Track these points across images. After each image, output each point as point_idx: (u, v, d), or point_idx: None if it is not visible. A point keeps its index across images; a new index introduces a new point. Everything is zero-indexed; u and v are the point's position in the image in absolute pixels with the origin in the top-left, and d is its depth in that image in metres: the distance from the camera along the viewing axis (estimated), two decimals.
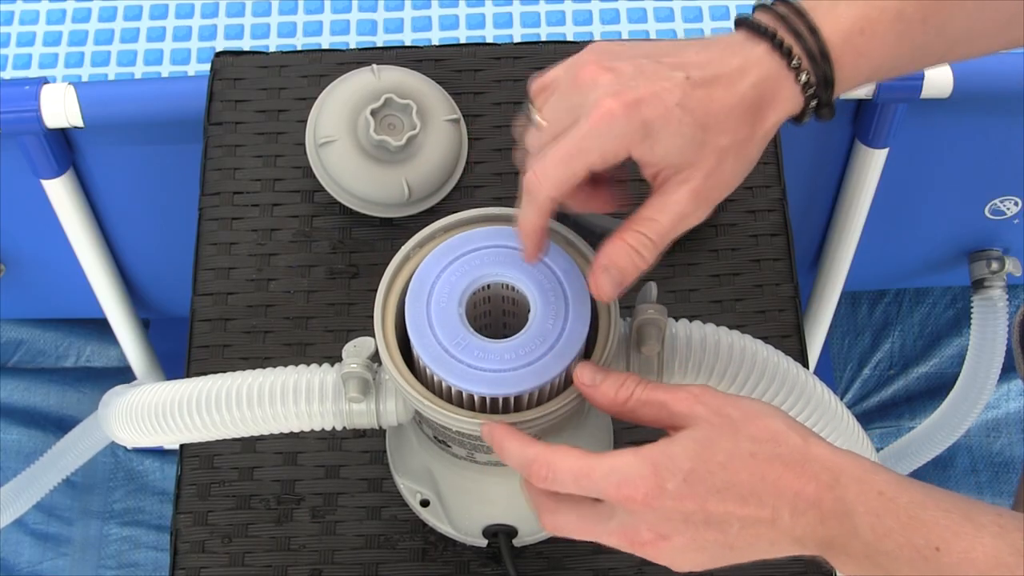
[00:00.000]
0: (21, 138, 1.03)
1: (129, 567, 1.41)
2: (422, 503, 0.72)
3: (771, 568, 0.75)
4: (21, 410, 1.49)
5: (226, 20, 1.15)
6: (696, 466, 0.51)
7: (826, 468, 0.50)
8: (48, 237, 1.18)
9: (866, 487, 0.50)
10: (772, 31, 0.54)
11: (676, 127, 0.52)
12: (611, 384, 0.56)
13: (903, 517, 0.48)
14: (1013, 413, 1.47)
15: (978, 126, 1.10)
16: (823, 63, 0.53)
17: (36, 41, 1.15)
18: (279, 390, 0.64)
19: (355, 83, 0.87)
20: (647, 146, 0.52)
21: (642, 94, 0.52)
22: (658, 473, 0.51)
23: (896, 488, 0.49)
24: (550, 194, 0.54)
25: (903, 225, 1.27)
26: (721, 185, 0.54)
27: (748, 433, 0.51)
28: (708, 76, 0.53)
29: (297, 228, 0.86)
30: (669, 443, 0.52)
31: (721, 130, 0.53)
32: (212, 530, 0.77)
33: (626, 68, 0.53)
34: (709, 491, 0.50)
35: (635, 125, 0.52)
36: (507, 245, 0.60)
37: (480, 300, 0.61)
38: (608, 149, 0.52)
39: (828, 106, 0.55)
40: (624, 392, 0.55)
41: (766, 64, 0.53)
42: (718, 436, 0.51)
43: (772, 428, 0.52)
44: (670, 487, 0.50)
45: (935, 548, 0.47)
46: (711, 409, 0.52)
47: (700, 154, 0.53)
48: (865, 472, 0.50)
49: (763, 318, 0.83)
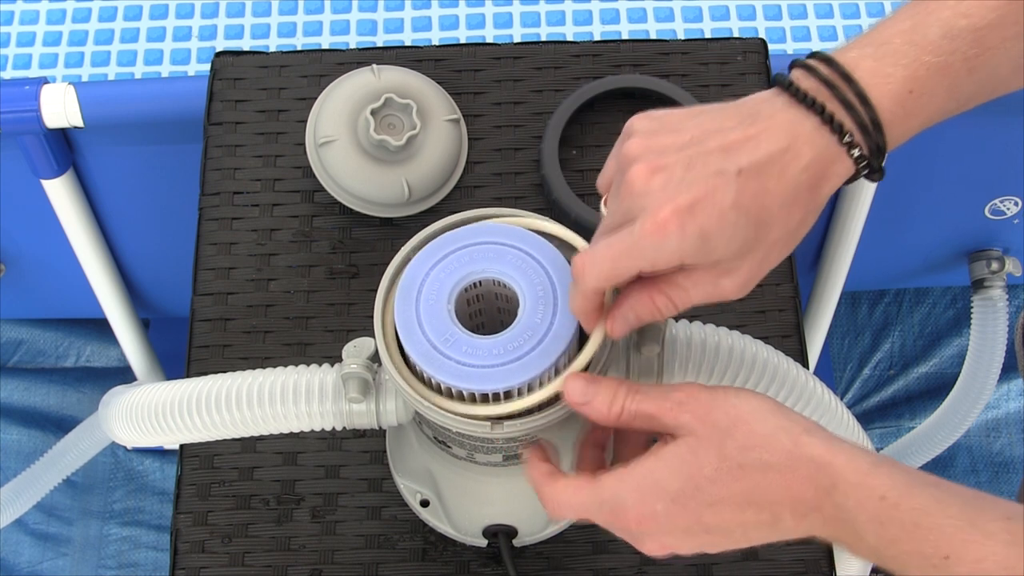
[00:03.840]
0: (21, 138, 1.03)
1: (129, 567, 1.41)
2: (422, 503, 0.72)
3: (772, 568, 0.75)
4: (21, 410, 1.48)
5: (226, 20, 1.15)
6: (683, 485, 0.50)
7: (821, 470, 0.49)
8: (48, 237, 1.18)
9: (866, 492, 0.48)
10: (820, 104, 0.50)
11: (732, 231, 0.50)
12: (602, 400, 0.55)
13: (908, 525, 0.47)
14: (1013, 413, 1.47)
15: (978, 126, 1.10)
16: (876, 134, 0.51)
17: (36, 41, 1.15)
18: (279, 390, 0.63)
19: (355, 83, 0.87)
20: (702, 254, 0.50)
21: (695, 197, 0.49)
22: (644, 500, 0.51)
23: (899, 492, 0.48)
24: (594, 286, 0.54)
25: (903, 225, 1.27)
26: (766, 271, 0.53)
27: (735, 443, 0.50)
28: (758, 162, 0.50)
29: (297, 228, 0.86)
30: (656, 461, 0.51)
31: (776, 222, 0.51)
32: (212, 530, 0.77)
33: (675, 167, 0.50)
34: (701, 506, 0.50)
35: (690, 238, 0.50)
36: (496, 242, 0.60)
37: (472, 298, 0.61)
38: (661, 258, 0.51)
39: (879, 171, 0.53)
40: (616, 408, 0.54)
41: (817, 143, 0.51)
42: (704, 450, 0.50)
43: (760, 433, 0.50)
44: (659, 509, 0.51)
45: (944, 556, 0.46)
46: (697, 417, 0.51)
47: (752, 248, 0.51)
48: (864, 474, 0.49)
49: (763, 318, 0.83)
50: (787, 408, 0.52)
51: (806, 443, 0.50)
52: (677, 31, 1.13)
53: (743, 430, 0.50)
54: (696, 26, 1.13)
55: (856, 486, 0.48)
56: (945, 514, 0.47)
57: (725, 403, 0.51)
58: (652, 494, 0.51)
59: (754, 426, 0.50)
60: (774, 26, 1.13)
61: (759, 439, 0.50)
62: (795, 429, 0.50)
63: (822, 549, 0.76)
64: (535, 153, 0.88)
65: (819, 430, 0.51)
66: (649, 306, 0.54)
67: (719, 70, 0.91)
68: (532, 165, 0.88)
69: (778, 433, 0.50)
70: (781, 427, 0.50)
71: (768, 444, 0.50)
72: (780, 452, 0.50)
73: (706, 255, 0.51)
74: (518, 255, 0.60)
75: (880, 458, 0.50)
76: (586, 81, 0.90)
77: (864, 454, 0.50)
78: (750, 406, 0.51)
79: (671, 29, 1.13)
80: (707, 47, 0.92)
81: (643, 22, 1.13)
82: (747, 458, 0.50)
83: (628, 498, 0.51)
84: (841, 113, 0.50)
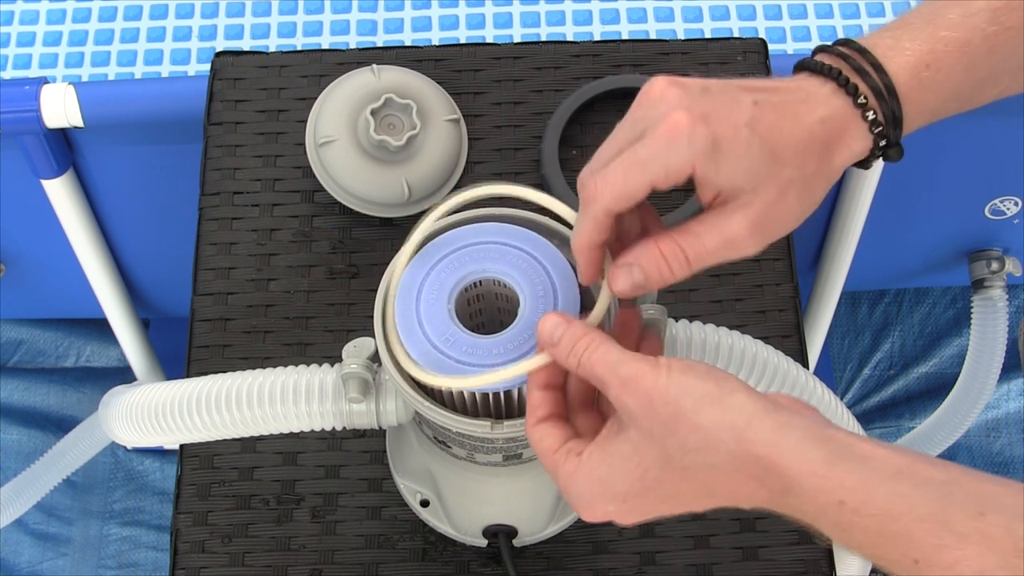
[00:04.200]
0: (21, 138, 1.03)
1: (129, 567, 1.41)
2: (422, 503, 0.72)
3: (772, 568, 0.75)
4: (21, 410, 1.48)
5: (226, 20, 1.15)
6: (631, 487, 0.49)
7: (769, 472, 0.46)
8: (48, 237, 1.18)
9: (823, 498, 0.45)
10: (836, 70, 0.52)
11: (744, 148, 0.50)
12: (565, 346, 0.52)
13: (872, 532, 0.44)
14: (1013, 413, 1.47)
15: (978, 126, 1.10)
16: (891, 100, 0.52)
17: (36, 41, 1.15)
18: (279, 390, 0.64)
19: (355, 83, 0.87)
20: (712, 165, 0.49)
21: (712, 109, 0.50)
22: (595, 501, 0.50)
23: (858, 495, 0.45)
24: (608, 205, 0.51)
25: (903, 225, 1.27)
26: (780, 219, 0.51)
27: (676, 442, 0.47)
28: (777, 103, 0.51)
29: (297, 228, 0.86)
30: (601, 460, 0.50)
31: (788, 160, 0.50)
32: (212, 530, 0.77)
33: (695, 85, 0.51)
34: (655, 502, 0.49)
35: (703, 141, 0.49)
36: (496, 241, 0.60)
37: (472, 297, 0.61)
38: (673, 164, 0.49)
39: (896, 146, 0.53)
40: (572, 358, 0.51)
41: (833, 103, 0.52)
42: (647, 450, 0.48)
43: (700, 430, 0.47)
44: (611, 509, 0.50)
45: (914, 560, 0.44)
46: (638, 405, 0.48)
47: (764, 181, 0.50)
48: (819, 477, 0.45)
49: (763, 318, 0.83)
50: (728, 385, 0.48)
51: (750, 440, 0.46)
52: (677, 31, 1.13)
53: (684, 427, 0.47)
54: (696, 26, 1.13)
55: (810, 492, 0.45)
56: (912, 515, 0.44)
57: (666, 392, 0.48)
58: (601, 496, 0.50)
59: (694, 420, 0.47)
60: (774, 26, 1.13)
61: (699, 439, 0.47)
62: (738, 422, 0.47)
63: (822, 549, 0.76)
64: (535, 153, 0.88)
65: (763, 416, 0.47)
66: (654, 253, 0.52)
67: (719, 70, 0.91)
68: (532, 165, 0.88)
69: (719, 430, 0.47)
70: (722, 422, 0.47)
71: (709, 445, 0.47)
72: (722, 453, 0.47)
73: (716, 170, 0.50)
74: (518, 255, 0.60)
75: (834, 448, 0.46)
76: (586, 81, 0.90)
77: (814, 444, 0.46)
78: (689, 396, 0.48)
79: (671, 29, 1.13)
80: (707, 47, 0.92)
81: (643, 22, 1.13)
82: (690, 460, 0.47)
83: (581, 495, 0.50)
84: (855, 78, 0.52)
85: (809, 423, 0.47)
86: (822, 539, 0.48)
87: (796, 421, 0.47)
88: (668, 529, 0.76)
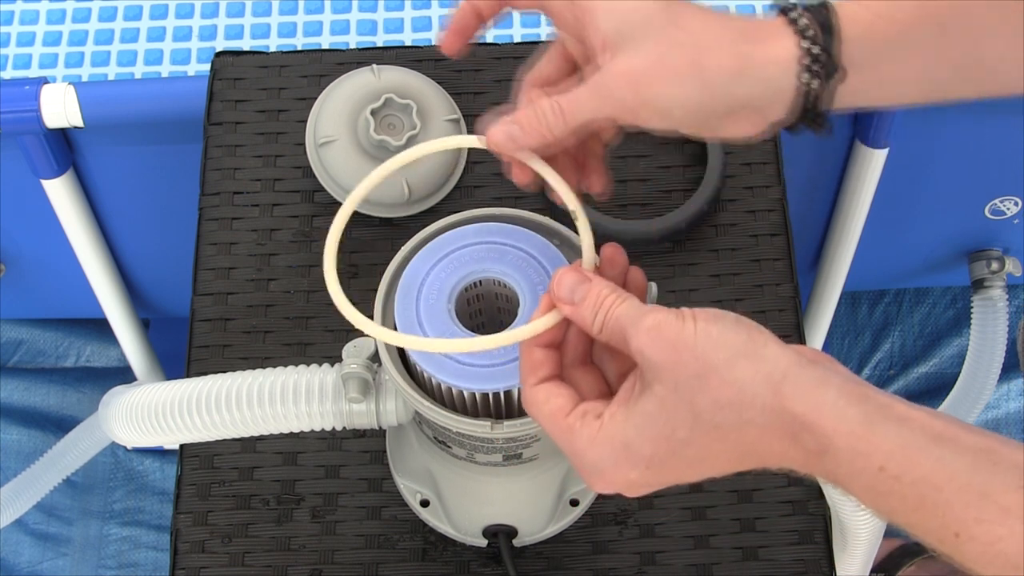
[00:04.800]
0: (21, 138, 1.03)
1: (129, 567, 1.41)
2: (422, 503, 0.72)
3: (772, 568, 0.75)
4: (21, 410, 1.48)
5: (226, 20, 1.15)
6: (657, 449, 0.46)
7: (807, 430, 0.43)
8: (48, 237, 1.18)
9: (861, 462, 0.43)
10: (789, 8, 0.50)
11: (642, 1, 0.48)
12: (590, 304, 0.49)
13: (911, 499, 0.42)
14: (1013, 413, 1.47)
15: (978, 126, 1.10)
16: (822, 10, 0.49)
17: (36, 41, 1.14)
18: (279, 390, 0.63)
19: (355, 83, 0.87)
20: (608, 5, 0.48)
21: None
22: (618, 466, 0.47)
23: (898, 460, 0.42)
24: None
25: (903, 225, 1.27)
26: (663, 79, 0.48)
27: (707, 398, 0.45)
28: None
29: (297, 228, 0.86)
30: (626, 420, 0.47)
31: (688, 27, 0.48)
32: (212, 530, 0.77)
33: None
34: (681, 466, 0.46)
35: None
36: (496, 241, 0.60)
37: (472, 297, 0.61)
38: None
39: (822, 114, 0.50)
40: (600, 317, 0.49)
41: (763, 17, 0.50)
42: (675, 407, 0.45)
43: (733, 384, 0.44)
44: (634, 477, 0.47)
45: (954, 534, 0.41)
46: (665, 355, 0.45)
47: (653, 37, 0.48)
48: (857, 438, 0.43)
49: (763, 318, 0.82)
50: (761, 336, 0.46)
51: (786, 395, 0.44)
52: None
53: (715, 381, 0.45)
54: None
55: (849, 453, 0.43)
56: (954, 485, 0.41)
57: (694, 344, 0.45)
58: (626, 461, 0.46)
59: (726, 375, 0.45)
60: None
61: (733, 394, 0.44)
62: (774, 375, 0.44)
63: (822, 549, 0.76)
64: None
65: (798, 370, 0.45)
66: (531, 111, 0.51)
67: None
68: None
69: (754, 384, 0.44)
70: (756, 376, 0.44)
71: (743, 400, 0.44)
72: (760, 407, 0.44)
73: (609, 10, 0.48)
74: (518, 255, 0.60)
75: (871, 408, 0.44)
76: None
77: (850, 402, 0.44)
78: (720, 349, 0.45)
79: None
80: None
81: None
82: (722, 418, 0.45)
83: (600, 463, 0.47)
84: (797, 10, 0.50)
85: (843, 379, 0.45)
86: (849, 497, 0.45)
87: (831, 378, 0.45)
88: (668, 529, 0.76)
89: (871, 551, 1.02)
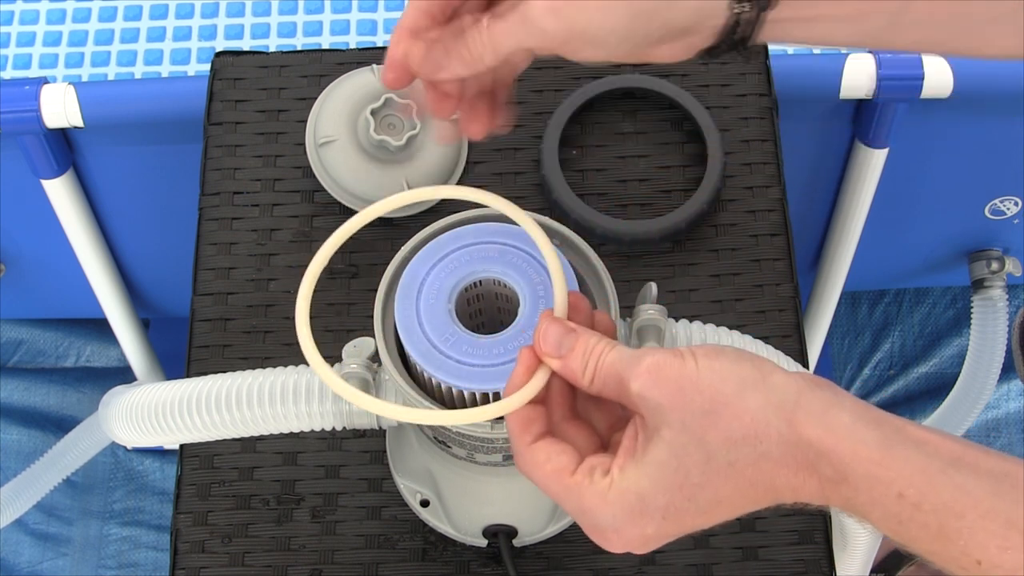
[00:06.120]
0: (21, 138, 1.03)
1: (129, 567, 1.41)
2: (422, 503, 0.72)
3: (772, 568, 0.75)
4: (21, 410, 1.48)
5: (226, 20, 1.15)
6: (672, 498, 0.44)
7: (823, 458, 0.42)
8: (48, 237, 1.18)
9: (880, 489, 0.41)
10: None
11: None
12: (579, 355, 0.48)
13: (932, 528, 0.41)
14: (1013, 413, 1.47)
15: (978, 126, 1.10)
16: None
17: (36, 41, 1.15)
18: (279, 390, 0.64)
19: (355, 83, 0.87)
20: None
21: None
22: (633, 523, 0.45)
23: (918, 487, 0.41)
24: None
25: (903, 225, 1.27)
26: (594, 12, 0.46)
27: (719, 434, 0.43)
28: None
29: (297, 228, 0.86)
30: (637, 472, 0.45)
31: None
32: (212, 530, 0.77)
33: None
34: (695, 514, 0.45)
35: None
36: (496, 241, 0.60)
37: (472, 297, 0.61)
38: None
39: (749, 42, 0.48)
40: (590, 368, 0.47)
41: None
42: (684, 448, 0.44)
43: (746, 416, 0.43)
44: (651, 531, 0.45)
45: (976, 561, 0.40)
46: (669, 394, 0.44)
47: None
48: (875, 464, 0.41)
49: (763, 318, 0.83)
50: (765, 365, 0.45)
51: (801, 422, 0.43)
52: None
53: (726, 415, 0.43)
54: None
55: (865, 480, 0.42)
56: (978, 510, 0.40)
57: (698, 380, 0.44)
58: (641, 515, 0.45)
59: (736, 408, 0.43)
60: None
61: (745, 426, 0.43)
62: (786, 402, 0.43)
63: (822, 549, 0.76)
64: (535, 153, 0.88)
65: (809, 394, 0.43)
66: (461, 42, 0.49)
67: (719, 70, 0.90)
68: (532, 165, 0.88)
69: (766, 413, 0.43)
70: (768, 404, 0.43)
71: (758, 432, 0.43)
72: (775, 439, 0.43)
73: None
74: (518, 255, 0.60)
75: (888, 431, 0.43)
76: (586, 81, 0.90)
77: (866, 425, 0.43)
78: (727, 381, 0.44)
79: None
80: None
81: None
82: (736, 454, 0.43)
83: (615, 521, 0.45)
84: None
85: (855, 402, 0.44)
86: (868, 527, 0.43)
87: (844, 400, 0.44)
88: None
89: (871, 551, 1.02)
